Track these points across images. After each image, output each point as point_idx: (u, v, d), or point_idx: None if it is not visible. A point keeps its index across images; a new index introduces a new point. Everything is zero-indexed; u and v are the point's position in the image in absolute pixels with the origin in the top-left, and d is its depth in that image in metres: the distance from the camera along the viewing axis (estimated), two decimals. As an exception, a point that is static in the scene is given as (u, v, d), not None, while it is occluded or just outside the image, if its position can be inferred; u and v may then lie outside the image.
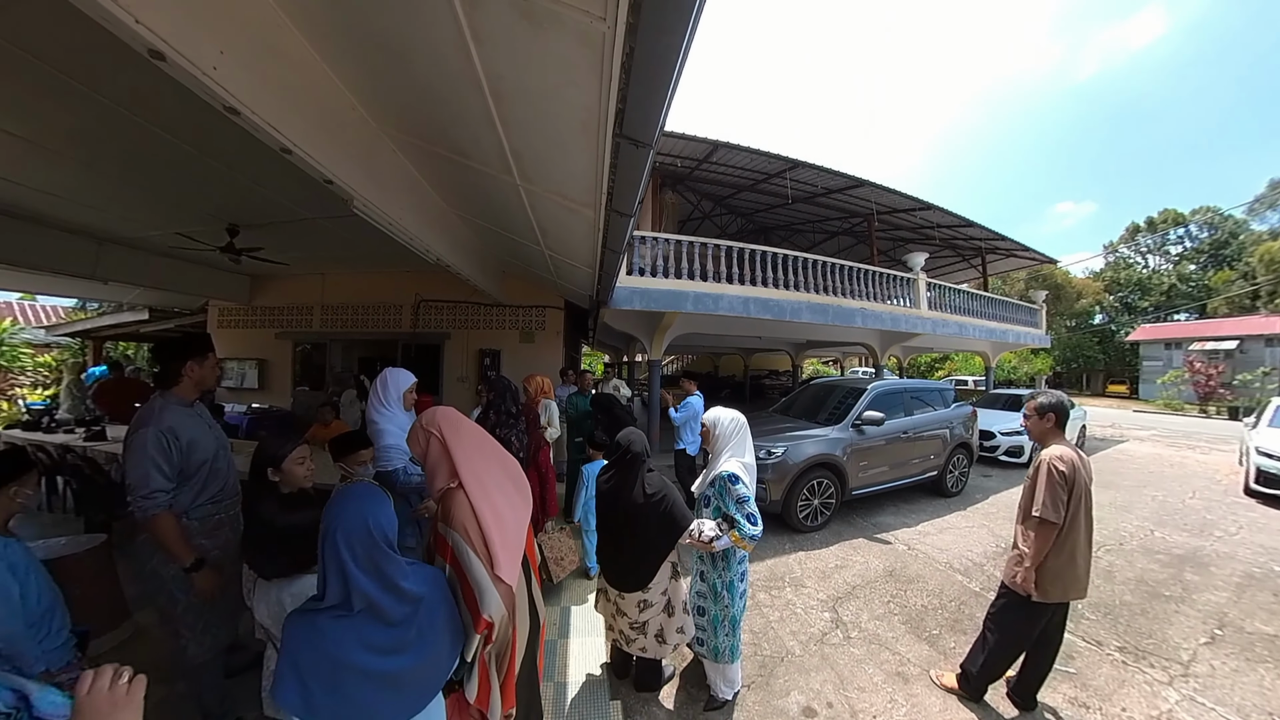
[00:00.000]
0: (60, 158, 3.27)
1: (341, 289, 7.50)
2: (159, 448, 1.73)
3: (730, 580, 2.15)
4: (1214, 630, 2.97)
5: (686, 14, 1.13)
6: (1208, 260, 31.90)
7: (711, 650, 2.18)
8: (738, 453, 2.17)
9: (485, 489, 1.40)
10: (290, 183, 3.56)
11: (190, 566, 1.76)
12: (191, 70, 1.49)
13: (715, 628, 2.17)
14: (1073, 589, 2.07)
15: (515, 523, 1.43)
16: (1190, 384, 20.26)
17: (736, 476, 2.07)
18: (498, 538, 1.33)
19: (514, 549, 1.38)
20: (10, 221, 4.40)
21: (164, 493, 1.73)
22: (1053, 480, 2.01)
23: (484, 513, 1.34)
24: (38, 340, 11.50)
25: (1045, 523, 2.01)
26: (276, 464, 1.65)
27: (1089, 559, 2.09)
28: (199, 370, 1.89)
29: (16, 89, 2.48)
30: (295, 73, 1.96)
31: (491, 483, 1.44)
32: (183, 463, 1.80)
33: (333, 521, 1.00)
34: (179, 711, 2.03)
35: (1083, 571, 2.06)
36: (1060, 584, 2.05)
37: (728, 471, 2.09)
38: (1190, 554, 4.17)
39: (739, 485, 2.05)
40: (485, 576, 1.27)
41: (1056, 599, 2.07)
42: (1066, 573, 2.04)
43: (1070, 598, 2.10)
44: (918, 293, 8.95)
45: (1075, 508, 2.02)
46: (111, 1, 1.24)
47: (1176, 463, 8.40)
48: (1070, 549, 2.03)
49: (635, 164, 1.92)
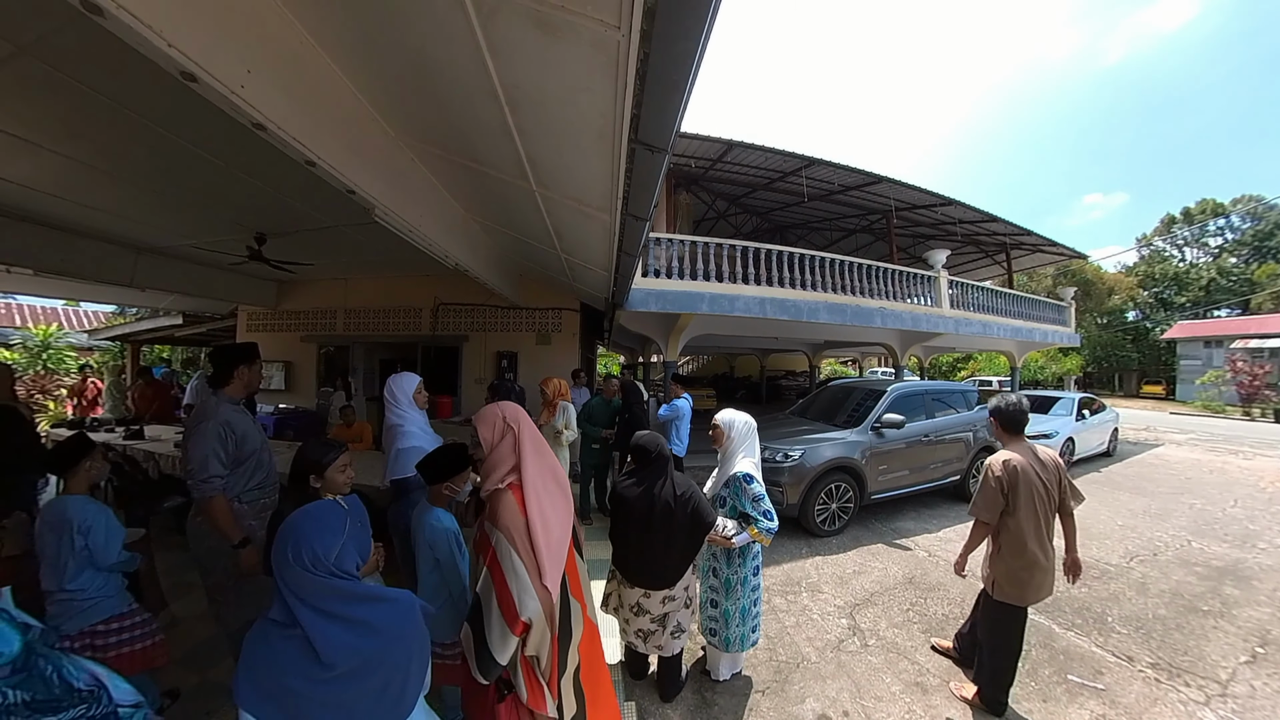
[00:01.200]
0: (101, 174, 3.44)
1: (363, 293, 7.69)
2: (218, 438, 1.94)
3: (744, 575, 2.25)
4: (1255, 648, 2.82)
5: (701, 20, 1.14)
6: (1251, 253, 30.36)
7: (723, 641, 2.28)
8: (749, 453, 2.28)
9: (539, 494, 1.44)
10: (315, 193, 3.67)
11: (238, 544, 1.94)
12: (221, 90, 1.55)
13: (728, 620, 2.26)
14: (1044, 589, 2.14)
15: (560, 531, 1.47)
16: (1232, 384, 19.31)
17: (751, 476, 2.19)
18: (544, 544, 1.36)
19: (557, 557, 1.40)
20: (57, 233, 4.66)
21: (219, 478, 1.93)
22: (987, 483, 2.14)
23: (534, 518, 1.37)
24: (80, 344, 12.11)
25: (978, 522, 2.18)
26: (320, 471, 1.67)
27: (1051, 558, 2.14)
28: (248, 373, 2.17)
29: (64, 112, 2.62)
30: (318, 88, 2.02)
31: (544, 489, 1.47)
32: (236, 452, 2.01)
33: (281, 541, 0.99)
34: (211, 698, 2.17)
35: (1049, 572, 2.13)
36: (1033, 586, 2.11)
37: (743, 472, 2.19)
38: (1231, 566, 3.98)
39: (754, 484, 2.16)
40: (526, 579, 1.29)
41: (1032, 601, 2.14)
42: (1036, 574, 2.10)
43: (1042, 598, 2.16)
44: (939, 291, 8.73)
45: (1019, 508, 2.10)
46: (147, 28, 1.30)
47: (1217, 468, 8.02)
48: (1028, 550, 2.09)
49: (651, 169, 1.94)
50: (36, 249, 4.54)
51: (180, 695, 2.15)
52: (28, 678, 0.72)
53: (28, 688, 0.71)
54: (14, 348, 11.21)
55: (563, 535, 1.47)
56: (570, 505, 1.58)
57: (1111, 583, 3.63)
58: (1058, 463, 2.19)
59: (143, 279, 5.62)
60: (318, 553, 0.98)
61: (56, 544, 1.72)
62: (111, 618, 1.81)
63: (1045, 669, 2.58)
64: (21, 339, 11.49)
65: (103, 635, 1.78)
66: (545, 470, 1.53)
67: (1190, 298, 30.24)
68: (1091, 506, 5.60)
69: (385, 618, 1.05)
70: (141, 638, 1.87)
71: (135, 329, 9.77)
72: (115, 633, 1.81)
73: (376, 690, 1.00)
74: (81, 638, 1.74)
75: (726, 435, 2.30)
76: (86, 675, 0.80)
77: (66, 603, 1.73)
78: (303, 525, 1.01)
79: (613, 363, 27.35)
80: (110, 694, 0.80)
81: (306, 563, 0.97)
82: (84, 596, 1.75)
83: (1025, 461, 2.12)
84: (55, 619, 1.70)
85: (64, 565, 1.72)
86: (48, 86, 2.36)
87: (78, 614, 1.74)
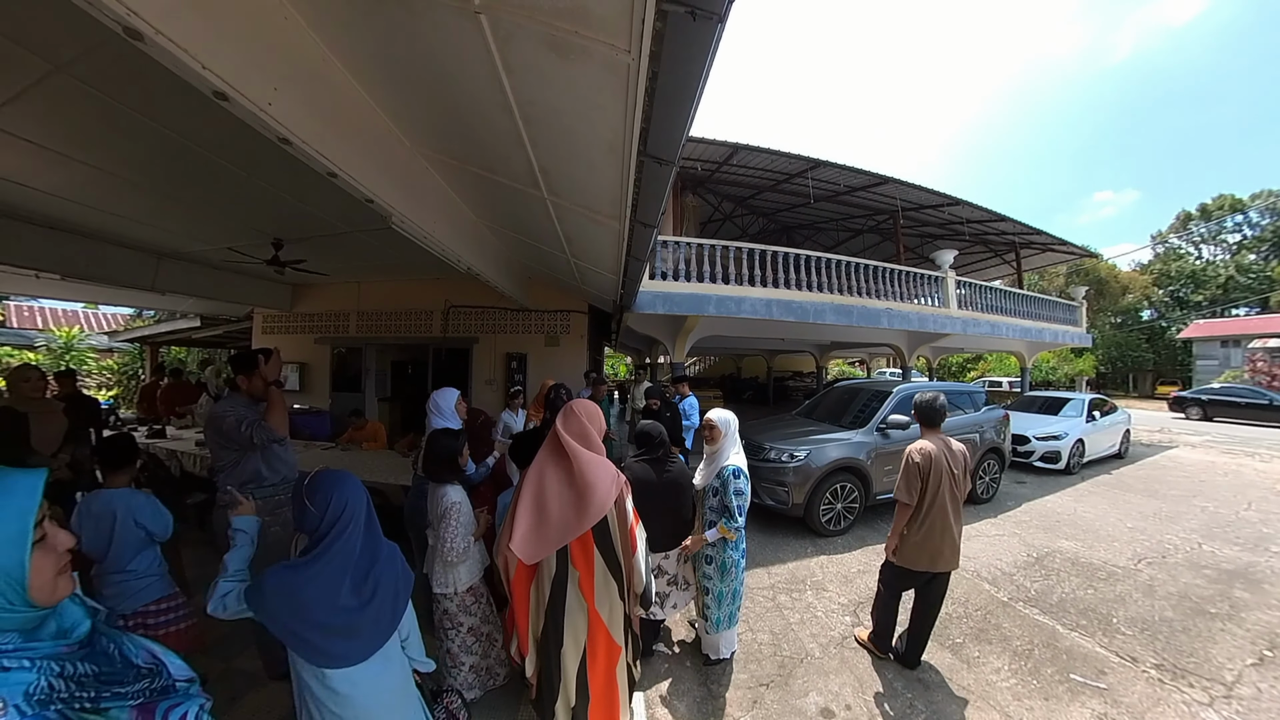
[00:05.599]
0: (127, 183, 3.57)
1: (376, 296, 7.82)
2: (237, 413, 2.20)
3: (736, 559, 2.45)
4: (1263, 651, 2.81)
5: (706, 44, 1.20)
6: (1270, 249, 29.69)
7: (714, 622, 2.48)
8: (736, 446, 2.51)
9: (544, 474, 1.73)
10: (333, 201, 3.77)
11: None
12: (250, 107, 1.63)
13: (719, 602, 2.46)
14: (938, 560, 2.42)
15: (559, 520, 1.67)
16: (1251, 385, 18.97)
17: (740, 470, 2.39)
18: (528, 520, 1.66)
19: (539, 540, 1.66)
20: (84, 240, 4.83)
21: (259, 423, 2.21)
22: (908, 469, 2.42)
23: (526, 489, 1.69)
24: (101, 345, 12.43)
25: (901, 504, 2.43)
26: (459, 451, 2.17)
27: (954, 536, 2.42)
28: (247, 382, 2.35)
29: (93, 125, 2.73)
30: (340, 103, 2.10)
31: (547, 485, 1.72)
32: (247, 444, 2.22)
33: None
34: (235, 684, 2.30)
35: (946, 546, 2.41)
36: (925, 554, 2.41)
37: (734, 466, 2.39)
38: (1242, 569, 3.96)
39: (740, 478, 2.38)
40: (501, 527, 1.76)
41: (924, 567, 2.43)
42: (928, 545, 2.41)
43: (937, 568, 2.43)
44: (946, 291, 8.70)
45: (933, 491, 2.38)
46: (184, 52, 1.38)
47: (1231, 471, 7.91)
48: (929, 526, 2.39)
49: (659, 179, 2.00)
50: (64, 255, 4.70)
51: (206, 681, 2.26)
52: (92, 652, 0.79)
53: (93, 661, 0.77)
54: (38, 349, 11.54)
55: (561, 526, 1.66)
56: (588, 509, 1.68)
57: (1118, 584, 3.63)
58: (965, 453, 2.51)
59: (164, 283, 5.78)
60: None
61: (110, 530, 1.88)
62: (161, 598, 1.98)
63: (1048, 668, 2.60)
64: (45, 341, 11.83)
65: (154, 615, 1.95)
66: (558, 471, 1.71)
67: (1207, 296, 29.63)
68: (1101, 509, 5.57)
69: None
70: (185, 618, 2.05)
71: (154, 331, 10.02)
72: (164, 613, 1.98)
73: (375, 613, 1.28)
74: (135, 618, 1.90)
75: (723, 432, 2.50)
76: (144, 653, 0.85)
77: (123, 584, 1.90)
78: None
79: (620, 364, 27.42)
80: (168, 669, 0.86)
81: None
82: (139, 576, 1.93)
83: (936, 449, 2.41)
84: (111, 600, 1.86)
85: (124, 546, 1.90)
86: (79, 101, 2.47)
87: (132, 595, 1.91)
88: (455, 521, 1.99)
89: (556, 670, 1.71)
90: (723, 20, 1.08)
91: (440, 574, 2.05)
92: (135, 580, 1.92)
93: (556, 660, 1.71)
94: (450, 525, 1.98)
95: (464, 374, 7.46)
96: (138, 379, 10.55)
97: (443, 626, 2.10)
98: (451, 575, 2.05)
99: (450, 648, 2.10)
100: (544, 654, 1.73)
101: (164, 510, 2.06)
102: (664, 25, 1.14)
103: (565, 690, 1.71)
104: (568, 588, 1.71)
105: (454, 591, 2.05)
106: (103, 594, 1.88)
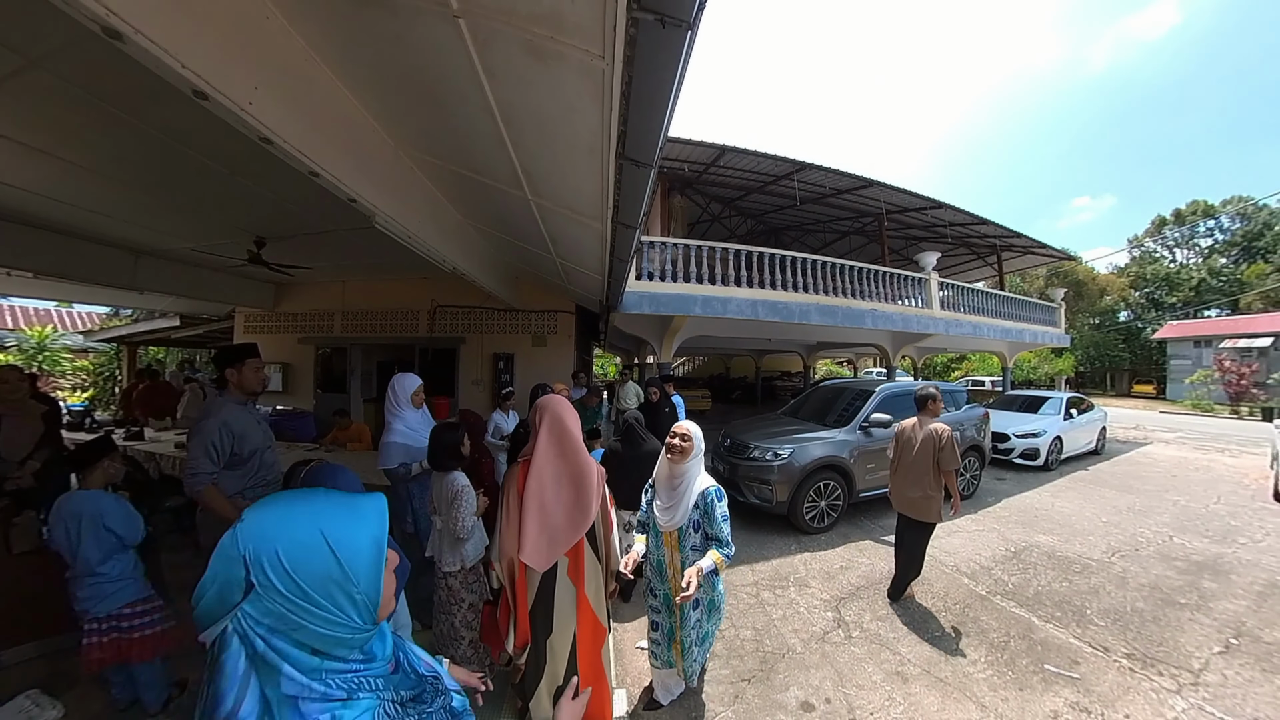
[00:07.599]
0: (104, 179, 3.50)
1: (361, 295, 7.74)
2: (215, 435, 2.08)
3: (721, 591, 2.16)
4: (1229, 639, 2.92)
5: (677, 52, 1.23)
6: (1240, 253, 30.72)
7: (690, 675, 2.14)
8: (701, 467, 2.12)
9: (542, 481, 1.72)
10: (316, 200, 3.73)
11: None
12: (230, 106, 1.62)
13: (703, 642, 2.13)
14: (899, 504, 3.31)
15: (565, 521, 1.70)
16: (1220, 384, 19.57)
17: (721, 491, 2.03)
18: (535, 519, 1.67)
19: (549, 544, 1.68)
20: (59, 237, 4.71)
21: (208, 474, 2.06)
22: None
23: (530, 499, 1.67)
24: (76, 345, 12.10)
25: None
26: (460, 442, 2.33)
27: (902, 489, 3.28)
28: (236, 375, 2.25)
29: (69, 120, 2.68)
30: (323, 102, 2.10)
31: (550, 478, 1.73)
32: (236, 451, 2.14)
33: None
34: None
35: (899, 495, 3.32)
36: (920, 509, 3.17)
37: (714, 487, 2.02)
38: (1210, 561, 4.10)
39: (724, 499, 2.01)
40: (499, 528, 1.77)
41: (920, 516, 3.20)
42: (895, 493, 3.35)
43: (899, 510, 3.31)
44: (930, 292, 8.87)
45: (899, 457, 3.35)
46: (163, 51, 1.38)
47: (1203, 466, 8.17)
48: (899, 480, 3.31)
49: (638, 181, 2.03)
50: (37, 252, 4.59)
51: (188, 685, 2.23)
52: (398, 669, 0.72)
53: (406, 685, 0.71)
54: (9, 349, 11.20)
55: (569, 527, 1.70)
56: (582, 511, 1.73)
57: (1092, 577, 3.74)
58: (950, 432, 3.15)
59: (142, 281, 5.66)
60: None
61: (78, 532, 1.85)
62: (136, 601, 1.95)
63: (1023, 659, 2.68)
64: (16, 341, 11.47)
65: (129, 618, 1.91)
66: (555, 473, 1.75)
67: (1181, 298, 30.57)
68: (1077, 504, 5.72)
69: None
70: (161, 621, 2.01)
71: (132, 330, 9.78)
72: (140, 615, 1.94)
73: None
74: (110, 619, 1.87)
75: (696, 446, 2.07)
76: (423, 661, 0.78)
77: (96, 586, 1.86)
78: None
79: (609, 364, 27.42)
80: (444, 678, 0.78)
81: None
82: (112, 579, 1.89)
83: (908, 428, 3.35)
84: (86, 602, 1.83)
85: (92, 550, 1.86)
86: (54, 96, 2.42)
87: (107, 597, 1.87)
88: (465, 502, 2.20)
89: (544, 656, 1.77)
90: (693, 28, 1.11)
91: (449, 554, 2.23)
92: (108, 583, 1.89)
93: (544, 646, 1.77)
94: (462, 506, 2.19)
95: (451, 374, 7.42)
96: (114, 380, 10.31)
97: (446, 604, 2.25)
98: (459, 553, 2.22)
99: (453, 622, 2.24)
100: (532, 640, 1.78)
101: (134, 514, 2.03)
102: (636, 32, 1.17)
103: (552, 673, 1.77)
104: (557, 575, 1.77)
105: (460, 569, 2.24)
106: (77, 596, 1.85)
